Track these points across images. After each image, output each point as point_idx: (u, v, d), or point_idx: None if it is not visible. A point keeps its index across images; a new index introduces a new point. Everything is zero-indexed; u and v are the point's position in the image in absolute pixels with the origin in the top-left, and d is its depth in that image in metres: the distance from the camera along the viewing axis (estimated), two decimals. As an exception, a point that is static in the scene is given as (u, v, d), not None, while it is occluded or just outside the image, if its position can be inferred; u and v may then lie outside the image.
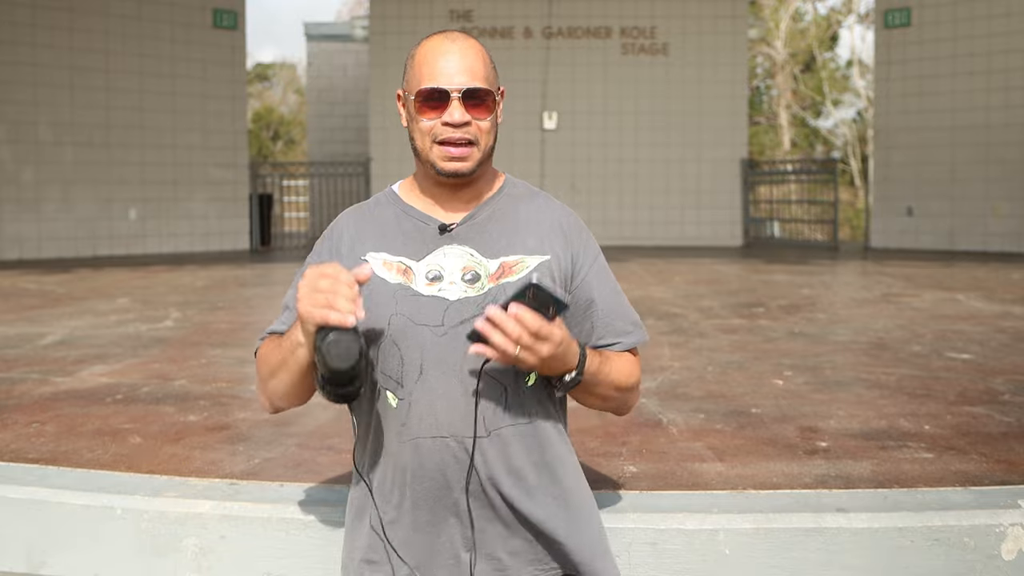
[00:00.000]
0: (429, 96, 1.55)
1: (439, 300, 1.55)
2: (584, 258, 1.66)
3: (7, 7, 12.07)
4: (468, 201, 1.64)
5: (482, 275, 1.57)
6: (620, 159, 14.83)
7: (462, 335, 1.49)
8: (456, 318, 1.53)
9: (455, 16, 14.73)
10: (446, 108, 1.54)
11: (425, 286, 1.56)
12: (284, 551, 2.09)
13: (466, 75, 1.55)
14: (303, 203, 17.65)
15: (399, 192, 1.70)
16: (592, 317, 1.65)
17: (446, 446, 1.52)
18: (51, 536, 2.20)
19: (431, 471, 1.53)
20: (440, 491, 1.53)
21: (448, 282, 1.56)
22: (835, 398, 3.46)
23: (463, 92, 1.54)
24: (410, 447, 1.53)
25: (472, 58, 1.57)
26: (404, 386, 1.55)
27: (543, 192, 1.73)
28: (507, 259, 1.59)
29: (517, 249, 1.60)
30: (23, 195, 12.30)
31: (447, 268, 1.57)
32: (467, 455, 1.51)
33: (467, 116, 1.55)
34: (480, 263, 1.58)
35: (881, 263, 10.99)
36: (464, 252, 1.59)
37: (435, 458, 1.52)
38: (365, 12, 17.94)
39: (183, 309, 6.43)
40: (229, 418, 3.13)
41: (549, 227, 1.65)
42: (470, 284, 1.56)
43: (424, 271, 1.58)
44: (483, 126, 1.57)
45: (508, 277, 1.57)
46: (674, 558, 2.03)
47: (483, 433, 1.52)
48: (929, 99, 13.64)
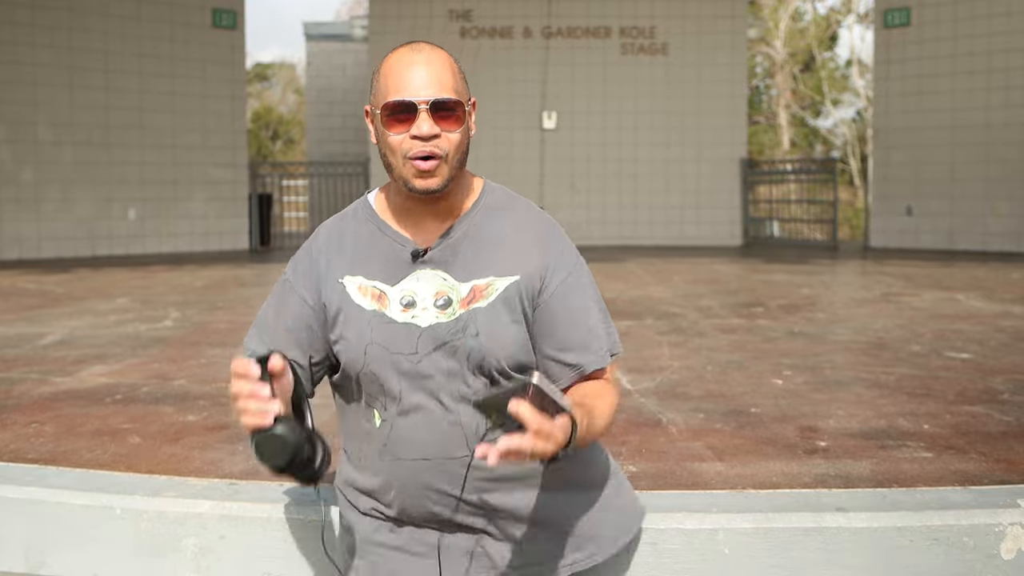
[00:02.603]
0: (395, 109, 1.50)
1: (412, 327, 1.55)
2: (557, 270, 1.60)
3: (7, 7, 12.06)
4: (443, 218, 1.61)
5: (454, 300, 1.56)
6: (620, 159, 14.83)
7: (437, 361, 1.52)
8: (429, 345, 1.54)
9: (454, 16, 14.72)
10: (414, 121, 1.50)
11: (399, 312, 1.56)
12: (284, 551, 2.09)
13: (434, 87, 1.50)
14: (302, 203, 17.65)
15: (375, 206, 1.67)
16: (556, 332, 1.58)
17: (428, 468, 1.54)
18: (50, 536, 2.20)
19: (414, 490, 1.56)
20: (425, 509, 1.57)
21: (421, 308, 1.56)
22: (834, 398, 3.46)
23: (431, 104, 1.49)
24: (393, 466, 1.56)
25: (439, 68, 1.52)
26: (387, 409, 1.57)
27: (522, 199, 1.69)
28: (478, 282, 1.57)
29: (488, 271, 1.58)
30: (23, 195, 12.30)
31: (420, 293, 1.57)
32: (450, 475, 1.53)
33: (436, 128, 1.50)
34: (452, 287, 1.57)
35: (880, 263, 10.99)
36: (437, 276, 1.58)
37: (417, 479, 1.55)
38: (365, 12, 17.93)
39: (182, 309, 6.42)
40: (228, 418, 3.12)
41: (524, 241, 1.61)
42: (442, 310, 1.55)
43: (398, 297, 1.57)
44: (452, 138, 1.52)
45: (478, 302, 1.55)
46: (673, 558, 2.03)
47: (467, 453, 1.53)
48: (929, 99, 13.64)
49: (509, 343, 1.54)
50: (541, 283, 1.59)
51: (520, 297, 1.56)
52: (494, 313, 1.55)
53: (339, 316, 1.59)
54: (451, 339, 1.53)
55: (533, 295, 1.58)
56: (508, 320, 1.55)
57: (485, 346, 1.52)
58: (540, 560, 1.59)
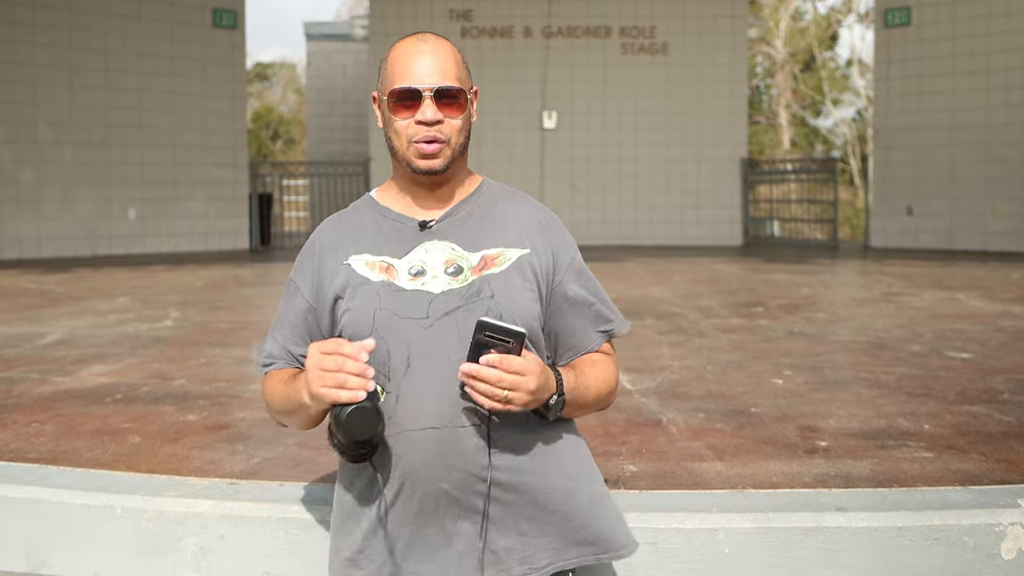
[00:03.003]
0: (402, 96, 1.59)
1: (423, 294, 1.57)
2: (563, 255, 1.68)
3: (7, 6, 12.07)
4: (445, 200, 1.68)
5: (464, 268, 1.60)
6: (620, 158, 14.83)
7: (448, 327, 1.53)
8: (441, 310, 1.56)
9: (455, 16, 14.73)
10: (419, 107, 1.58)
11: (408, 281, 1.59)
12: (284, 551, 2.09)
13: (438, 75, 1.59)
14: (303, 203, 17.64)
15: (376, 197, 1.73)
16: (567, 314, 1.67)
17: (438, 437, 1.52)
18: (51, 535, 2.20)
19: (421, 463, 1.53)
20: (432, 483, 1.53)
21: (431, 276, 1.59)
22: (835, 397, 3.46)
23: (435, 91, 1.58)
24: (400, 440, 1.54)
25: (443, 58, 1.60)
26: (392, 379, 1.55)
27: (520, 191, 1.76)
28: (488, 252, 1.62)
29: (498, 242, 1.63)
30: (23, 195, 12.30)
31: (429, 263, 1.60)
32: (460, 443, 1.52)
33: (439, 115, 1.58)
34: (462, 256, 1.61)
35: (881, 262, 10.99)
36: (445, 247, 1.62)
37: (426, 450, 1.52)
38: (365, 12, 17.94)
39: (182, 309, 6.43)
40: (229, 417, 3.13)
41: (528, 223, 1.68)
42: (453, 276, 1.58)
43: (407, 267, 1.61)
44: (455, 124, 1.61)
45: (490, 269, 1.60)
46: (674, 557, 2.03)
47: (478, 421, 1.53)
48: (929, 98, 13.64)
49: (524, 307, 1.58)
50: (554, 264, 1.66)
51: (534, 271, 1.62)
52: (508, 278, 1.59)
53: (344, 292, 1.61)
54: (465, 303, 1.55)
55: (548, 274, 1.64)
56: (522, 286, 1.59)
57: (502, 306, 1.55)
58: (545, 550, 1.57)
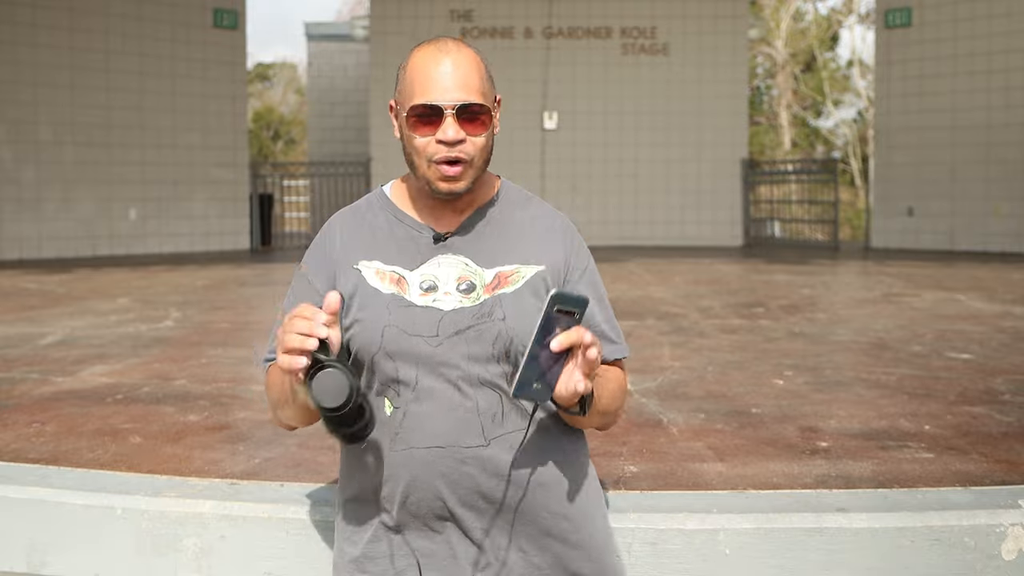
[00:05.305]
0: (422, 112, 1.50)
1: (433, 311, 1.52)
2: (576, 265, 1.63)
3: (7, 7, 12.07)
4: (462, 210, 1.61)
5: (478, 285, 1.54)
6: (620, 159, 14.83)
7: (458, 346, 1.49)
8: (451, 328, 1.51)
9: (455, 16, 14.73)
10: (440, 125, 1.49)
11: (419, 296, 1.54)
12: (284, 551, 2.09)
13: (461, 90, 1.49)
14: (303, 203, 17.64)
15: (391, 196, 1.66)
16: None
17: (442, 456, 1.49)
18: (51, 536, 2.20)
19: (425, 482, 1.50)
20: (436, 501, 1.51)
21: (443, 292, 1.54)
22: (835, 398, 3.46)
23: (457, 108, 1.48)
24: (403, 456, 1.51)
25: (467, 69, 1.51)
26: (400, 396, 1.53)
27: (537, 197, 1.71)
28: (503, 269, 1.56)
29: (513, 259, 1.57)
30: (23, 195, 12.30)
31: (442, 278, 1.55)
32: (464, 465, 1.49)
33: (461, 133, 1.49)
34: (475, 272, 1.56)
35: (881, 263, 10.99)
36: (459, 262, 1.56)
37: (430, 469, 1.50)
38: (366, 12, 17.93)
39: (183, 309, 6.43)
40: (229, 418, 3.13)
41: (544, 233, 1.63)
42: (465, 294, 1.53)
43: (418, 281, 1.55)
44: (478, 143, 1.52)
45: (503, 288, 1.54)
46: (674, 558, 2.03)
47: (483, 442, 1.50)
48: (929, 99, 13.64)
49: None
50: (565, 274, 1.61)
51: (547, 289, 1.55)
52: (521, 299, 1.54)
53: (353, 301, 1.55)
54: (475, 323, 1.51)
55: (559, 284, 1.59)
56: (534, 306, 1.53)
57: (514, 329, 1.51)
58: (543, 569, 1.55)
